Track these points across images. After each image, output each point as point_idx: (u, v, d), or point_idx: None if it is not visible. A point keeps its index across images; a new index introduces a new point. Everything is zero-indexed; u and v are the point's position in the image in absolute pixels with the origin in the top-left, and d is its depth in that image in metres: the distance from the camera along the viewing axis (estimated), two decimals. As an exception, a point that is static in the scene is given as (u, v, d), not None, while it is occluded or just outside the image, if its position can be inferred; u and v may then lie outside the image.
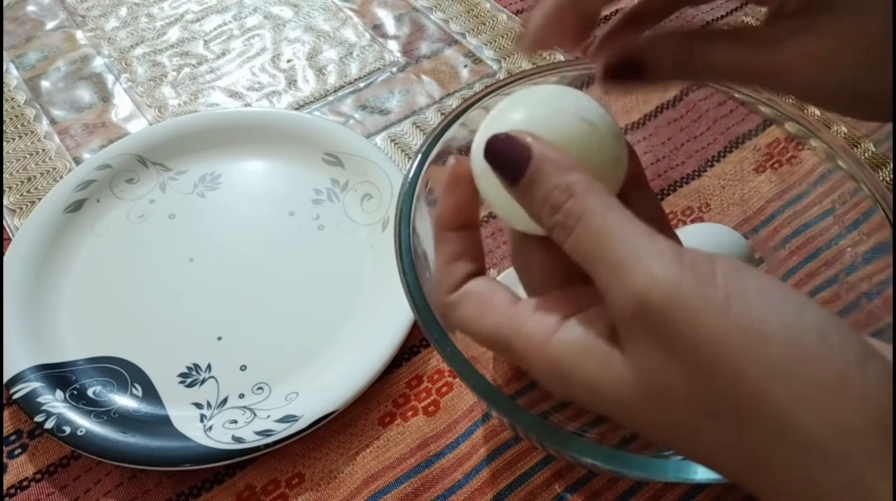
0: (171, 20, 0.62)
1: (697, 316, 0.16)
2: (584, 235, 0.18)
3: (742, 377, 0.16)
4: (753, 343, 0.16)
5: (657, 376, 0.17)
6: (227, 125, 0.50)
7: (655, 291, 0.17)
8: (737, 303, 0.16)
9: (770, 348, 0.16)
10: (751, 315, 0.16)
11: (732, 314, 0.16)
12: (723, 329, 0.16)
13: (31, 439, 0.38)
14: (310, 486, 0.36)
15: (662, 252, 0.17)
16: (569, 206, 0.19)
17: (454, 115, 0.32)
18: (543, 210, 0.20)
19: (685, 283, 0.16)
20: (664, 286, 0.17)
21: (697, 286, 0.16)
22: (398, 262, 0.28)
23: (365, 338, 0.39)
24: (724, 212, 0.41)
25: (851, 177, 0.32)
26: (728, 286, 0.16)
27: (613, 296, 0.18)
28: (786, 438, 0.16)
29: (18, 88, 0.56)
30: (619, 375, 0.18)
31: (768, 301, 0.16)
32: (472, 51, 0.57)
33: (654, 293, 0.17)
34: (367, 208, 0.46)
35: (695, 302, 0.16)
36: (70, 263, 0.44)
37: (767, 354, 0.16)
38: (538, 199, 0.20)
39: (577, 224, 0.19)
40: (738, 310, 0.16)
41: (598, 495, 0.35)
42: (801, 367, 0.16)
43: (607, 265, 0.18)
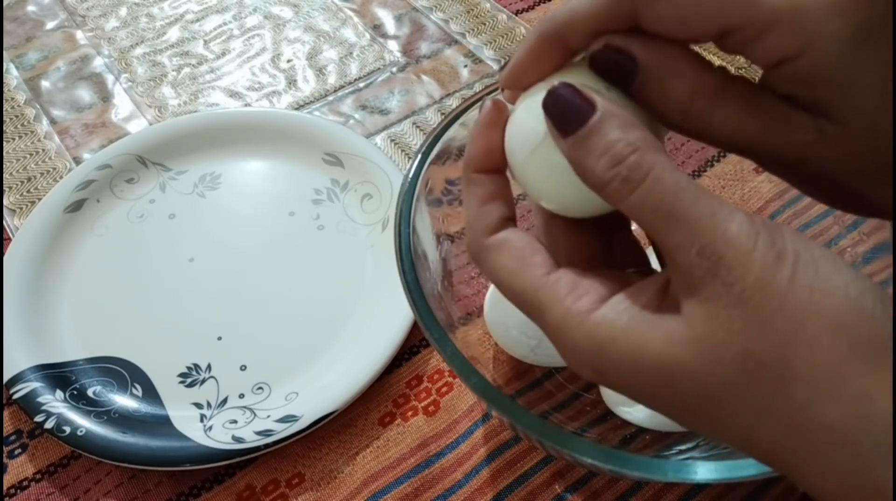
0: (171, 20, 0.62)
1: (768, 272, 0.16)
2: (655, 190, 0.18)
3: (802, 328, 0.16)
4: (817, 297, 0.16)
5: (717, 329, 0.17)
6: (227, 125, 0.50)
7: (732, 247, 0.17)
8: (804, 259, 0.17)
9: (832, 301, 0.16)
10: (816, 272, 0.17)
11: (800, 269, 0.17)
12: (790, 285, 0.16)
13: (31, 439, 0.38)
14: (310, 486, 0.36)
15: (734, 212, 0.17)
16: (635, 159, 0.18)
17: (454, 115, 0.33)
18: (601, 161, 0.18)
19: (759, 242, 0.17)
20: (742, 243, 0.17)
21: (771, 244, 0.17)
22: (398, 262, 0.28)
23: (365, 338, 0.39)
24: (724, 212, 0.41)
25: (851, 177, 0.31)
26: (797, 246, 0.17)
27: (687, 252, 0.17)
28: (836, 395, 0.16)
29: (18, 88, 0.56)
30: (669, 334, 0.17)
31: (831, 263, 0.17)
32: (472, 51, 0.57)
33: (730, 250, 0.17)
34: (367, 208, 0.46)
35: (767, 259, 0.17)
36: (70, 263, 0.44)
37: (829, 306, 0.16)
38: (597, 149, 0.19)
39: (646, 179, 0.18)
40: (804, 267, 0.17)
41: (598, 495, 0.35)
42: (860, 323, 0.16)
43: (682, 221, 0.17)
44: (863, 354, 0.16)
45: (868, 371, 0.16)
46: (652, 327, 0.18)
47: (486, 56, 0.57)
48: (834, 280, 0.16)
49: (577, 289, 0.19)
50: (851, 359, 0.16)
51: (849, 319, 0.16)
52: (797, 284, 0.16)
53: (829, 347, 0.16)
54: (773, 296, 0.16)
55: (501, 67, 0.23)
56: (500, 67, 0.23)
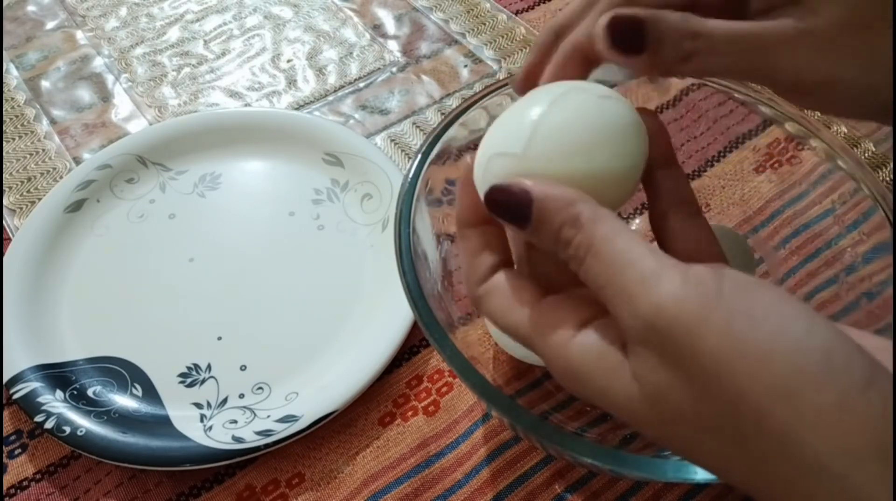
0: (171, 20, 0.62)
1: (701, 336, 0.16)
2: (594, 264, 0.19)
3: (744, 396, 0.16)
4: (756, 364, 0.16)
5: (663, 392, 0.18)
6: (227, 125, 0.50)
7: (660, 313, 0.17)
8: (740, 322, 0.16)
9: (772, 368, 0.16)
10: (756, 335, 0.16)
11: (735, 333, 0.16)
12: (725, 349, 0.16)
13: (31, 439, 0.38)
14: (310, 486, 0.36)
15: (666, 274, 0.18)
16: (578, 240, 0.19)
17: (454, 115, 0.33)
18: (557, 247, 0.20)
19: (688, 303, 0.17)
20: (668, 309, 0.17)
21: (701, 307, 0.17)
22: (398, 262, 0.28)
23: (365, 338, 0.39)
24: (724, 212, 0.41)
25: (851, 177, 0.32)
26: (733, 305, 0.17)
27: (622, 320, 0.18)
28: (787, 457, 0.16)
29: (18, 88, 0.56)
30: (629, 387, 0.18)
31: (774, 321, 0.16)
32: (472, 51, 0.57)
33: (658, 316, 0.17)
34: (367, 208, 0.46)
35: (698, 322, 0.17)
36: (70, 263, 0.44)
37: (769, 374, 0.16)
38: (549, 238, 0.20)
39: (587, 255, 0.19)
40: (740, 329, 0.16)
41: (598, 495, 0.35)
42: (802, 389, 0.16)
43: (615, 291, 0.18)
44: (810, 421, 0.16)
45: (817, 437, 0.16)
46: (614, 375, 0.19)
47: (486, 56, 0.57)
48: (773, 343, 0.16)
49: (556, 320, 0.21)
50: (799, 427, 0.16)
51: (791, 384, 0.16)
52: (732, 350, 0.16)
53: (772, 414, 0.16)
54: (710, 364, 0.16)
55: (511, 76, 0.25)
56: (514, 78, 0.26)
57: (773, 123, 0.35)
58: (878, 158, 0.48)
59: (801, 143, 0.34)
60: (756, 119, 0.36)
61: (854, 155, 0.32)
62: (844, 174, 0.32)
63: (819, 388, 0.16)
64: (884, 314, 0.30)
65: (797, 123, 0.33)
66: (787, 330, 0.16)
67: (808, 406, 0.16)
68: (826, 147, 0.32)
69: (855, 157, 0.32)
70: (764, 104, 0.34)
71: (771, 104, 0.34)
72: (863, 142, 0.49)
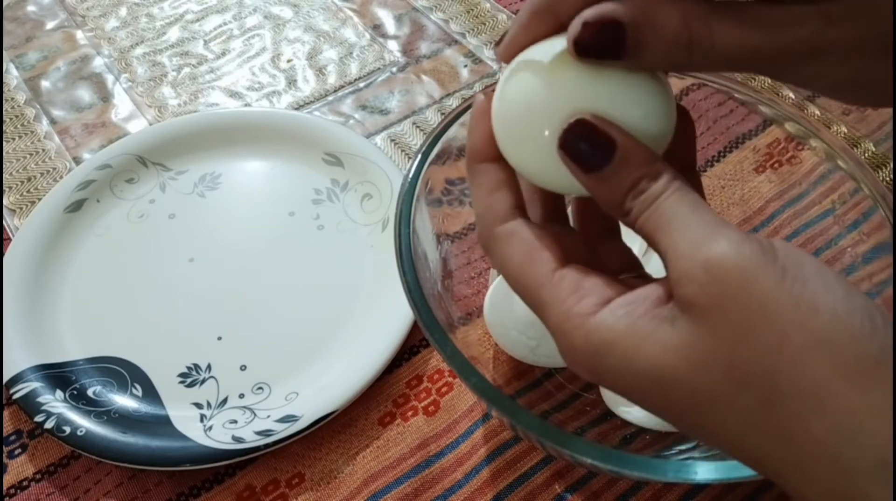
0: (171, 20, 0.62)
1: (754, 283, 0.17)
2: (661, 208, 0.19)
3: (786, 341, 0.16)
4: (803, 312, 0.16)
5: (705, 338, 0.17)
6: (227, 125, 0.50)
7: (721, 258, 0.17)
8: (792, 276, 0.17)
9: (819, 317, 0.16)
10: (804, 287, 0.17)
11: (787, 283, 0.17)
12: (777, 295, 0.17)
13: (31, 439, 0.38)
14: (310, 486, 0.36)
15: (729, 227, 0.18)
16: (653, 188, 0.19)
17: (454, 115, 0.33)
18: (626, 198, 0.20)
19: (749, 251, 0.17)
20: (729, 255, 0.17)
21: (760, 255, 0.17)
22: (398, 262, 0.28)
23: (365, 338, 0.39)
24: (724, 212, 0.41)
25: (851, 177, 0.32)
26: (787, 261, 0.17)
27: (678, 261, 0.18)
28: (819, 409, 0.16)
29: (18, 88, 0.56)
30: (663, 343, 0.18)
31: (822, 280, 0.17)
32: (472, 51, 0.57)
33: (720, 259, 0.17)
34: (367, 208, 0.46)
35: (755, 268, 0.17)
36: (70, 263, 0.44)
37: (815, 323, 0.16)
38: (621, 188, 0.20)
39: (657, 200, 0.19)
40: (792, 281, 0.17)
41: (598, 495, 0.35)
42: (846, 340, 0.16)
43: (679, 231, 0.18)
44: (846, 372, 0.16)
45: (850, 389, 0.16)
46: (648, 333, 0.18)
47: (486, 56, 0.57)
48: (822, 297, 0.16)
49: (580, 290, 0.20)
50: (834, 376, 0.16)
51: (835, 336, 0.16)
52: (783, 297, 0.16)
53: (813, 363, 0.16)
54: (757, 307, 0.17)
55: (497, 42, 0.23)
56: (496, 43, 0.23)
57: (773, 123, 0.35)
58: (878, 158, 0.48)
59: (801, 143, 0.34)
60: (756, 119, 0.36)
61: (854, 155, 0.32)
62: (844, 174, 0.32)
63: (862, 341, 0.16)
64: (884, 314, 0.30)
65: (797, 123, 0.33)
66: (832, 289, 0.17)
67: (850, 358, 0.16)
68: (826, 147, 0.32)
69: (855, 157, 0.32)
70: (764, 104, 0.34)
71: (771, 104, 0.34)
72: (863, 142, 0.49)
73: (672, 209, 0.19)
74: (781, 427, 0.16)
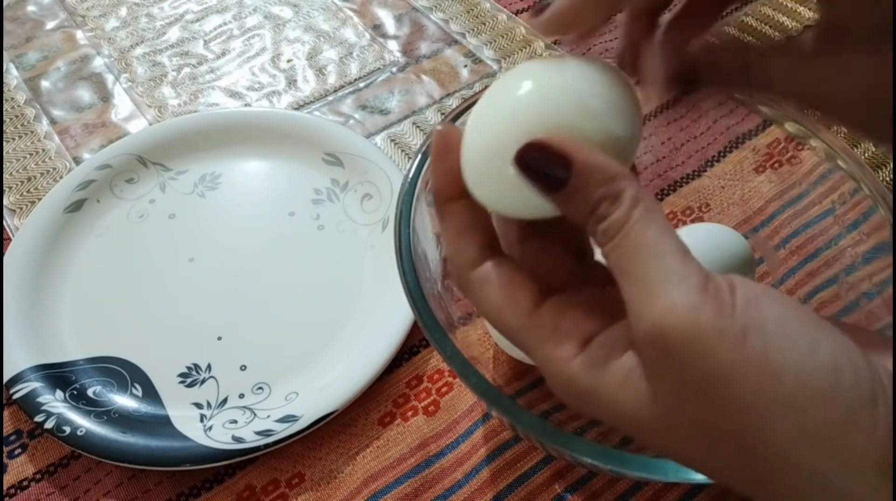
0: (171, 20, 0.62)
1: (712, 347, 0.16)
2: (623, 246, 0.18)
3: (751, 410, 0.16)
4: (766, 379, 0.16)
5: (669, 400, 0.17)
6: (227, 125, 0.50)
7: (674, 317, 0.17)
8: (753, 335, 0.16)
9: (781, 384, 0.16)
10: (766, 349, 0.16)
11: (748, 346, 0.16)
12: (736, 362, 0.16)
13: (31, 439, 0.38)
14: (310, 486, 0.36)
15: (689, 276, 0.17)
16: (615, 216, 0.18)
17: (454, 115, 0.32)
18: (589, 219, 0.19)
19: (704, 312, 0.16)
20: (683, 315, 0.17)
21: (716, 317, 0.16)
22: (398, 262, 0.28)
23: (365, 338, 0.39)
24: (724, 212, 0.41)
25: (851, 177, 0.32)
26: (747, 317, 0.16)
27: (636, 315, 0.18)
28: (790, 472, 0.16)
29: (18, 88, 0.56)
30: (635, 395, 0.18)
31: (785, 334, 0.16)
32: (472, 51, 0.57)
33: (672, 320, 0.17)
34: (367, 208, 0.46)
35: (711, 333, 0.16)
36: (70, 263, 0.44)
37: (778, 390, 0.16)
38: (582, 208, 0.19)
39: (618, 234, 0.18)
40: (753, 343, 0.16)
41: (598, 495, 0.35)
42: (809, 405, 0.16)
43: (635, 281, 0.18)
44: (814, 436, 0.16)
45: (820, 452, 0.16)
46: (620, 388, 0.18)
47: (486, 56, 0.57)
48: (785, 358, 0.16)
49: (558, 332, 0.20)
50: (803, 442, 0.16)
51: (798, 401, 0.16)
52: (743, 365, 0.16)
53: (779, 430, 0.16)
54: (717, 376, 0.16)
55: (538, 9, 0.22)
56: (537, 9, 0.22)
57: (773, 123, 0.35)
58: (878, 158, 0.48)
59: (801, 143, 0.34)
60: (756, 119, 0.36)
61: (854, 155, 0.32)
62: (844, 174, 0.32)
63: (826, 404, 0.16)
64: (884, 314, 0.30)
65: (797, 123, 0.33)
66: (796, 345, 0.16)
67: (813, 422, 0.16)
68: (826, 147, 0.32)
69: (855, 157, 0.32)
70: (764, 104, 0.34)
71: (771, 104, 0.34)
72: (863, 142, 0.49)
73: (632, 252, 0.18)
74: (757, 479, 0.17)
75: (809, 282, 0.35)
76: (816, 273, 0.35)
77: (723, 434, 0.17)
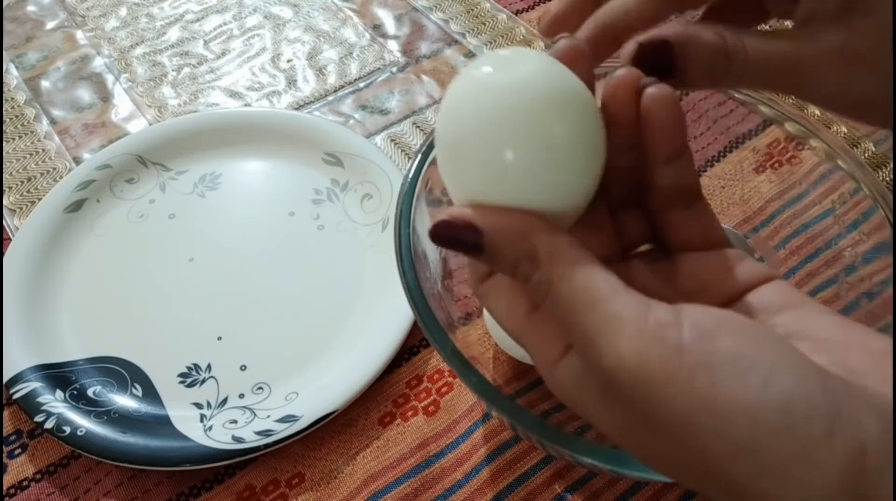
0: (171, 20, 0.62)
1: (664, 392, 0.16)
2: (556, 304, 0.19)
3: (707, 451, 0.16)
4: (717, 423, 0.16)
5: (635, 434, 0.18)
6: (227, 125, 0.50)
7: (623, 369, 0.17)
8: (702, 377, 0.16)
9: (733, 427, 0.16)
10: (715, 390, 0.16)
11: (696, 389, 0.16)
12: (688, 406, 0.16)
13: (31, 439, 0.38)
14: (310, 486, 0.36)
15: (628, 321, 0.17)
16: (536, 277, 0.19)
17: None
18: (518, 279, 0.20)
19: (650, 358, 0.16)
20: (630, 365, 0.17)
21: (662, 361, 0.16)
22: (398, 262, 0.28)
23: (365, 338, 0.39)
24: (724, 212, 0.41)
25: (851, 177, 0.32)
26: (694, 356, 0.16)
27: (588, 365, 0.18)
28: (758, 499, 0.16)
29: (18, 88, 0.56)
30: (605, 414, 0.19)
31: (734, 372, 0.16)
32: (472, 51, 0.57)
33: (622, 372, 0.17)
34: (367, 208, 0.46)
35: (659, 378, 0.16)
36: (70, 263, 0.44)
37: (730, 433, 0.16)
38: (508, 272, 0.20)
39: (548, 294, 0.19)
40: (701, 385, 0.16)
41: (598, 495, 0.35)
42: (763, 444, 0.16)
43: (578, 336, 0.18)
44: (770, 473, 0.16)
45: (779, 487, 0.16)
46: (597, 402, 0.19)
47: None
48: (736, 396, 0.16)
49: (545, 336, 0.21)
50: (760, 479, 0.16)
51: (752, 441, 0.16)
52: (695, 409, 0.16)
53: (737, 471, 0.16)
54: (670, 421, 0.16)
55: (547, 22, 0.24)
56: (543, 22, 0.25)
57: (773, 123, 0.35)
58: (878, 158, 0.48)
59: (801, 143, 0.34)
60: (756, 119, 0.36)
61: (854, 155, 0.32)
62: (844, 174, 0.32)
63: (780, 442, 0.16)
64: (884, 314, 0.30)
65: (797, 123, 0.33)
66: (746, 384, 0.16)
67: (770, 459, 0.16)
68: (826, 147, 0.32)
69: (855, 157, 0.32)
70: (764, 104, 0.34)
71: (771, 104, 0.34)
72: (863, 142, 0.49)
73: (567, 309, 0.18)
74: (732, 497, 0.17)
75: (809, 282, 0.35)
76: (816, 273, 0.35)
77: (688, 466, 0.17)
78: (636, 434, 0.18)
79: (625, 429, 0.18)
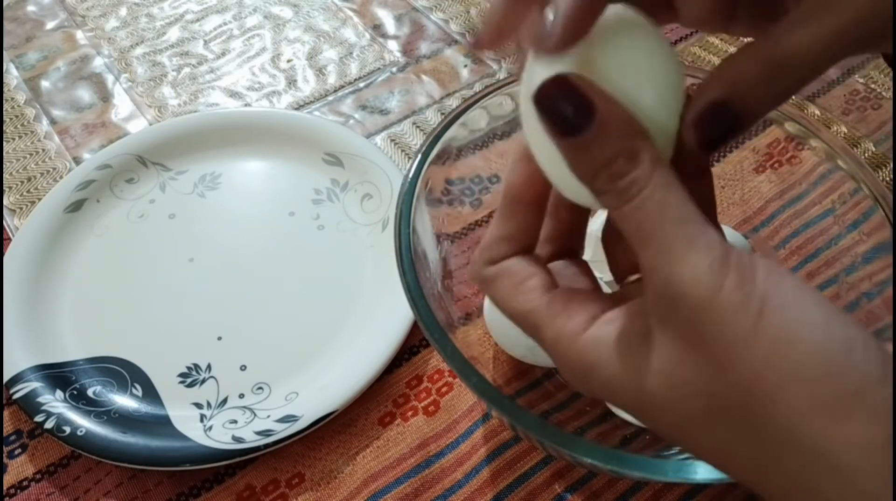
0: (171, 20, 0.62)
1: (734, 315, 0.16)
2: (644, 208, 0.17)
3: (761, 377, 0.16)
4: (779, 348, 0.16)
5: (682, 368, 0.17)
6: (227, 125, 0.50)
7: (699, 285, 0.16)
8: (771, 306, 0.16)
9: (794, 352, 0.16)
10: (782, 320, 0.16)
11: (765, 317, 0.16)
12: (752, 333, 0.16)
13: (31, 439, 0.38)
14: (310, 486, 0.36)
15: (713, 246, 0.17)
16: (634, 175, 0.18)
17: (454, 115, 0.33)
18: (600, 174, 0.18)
19: (728, 282, 0.16)
20: (707, 283, 0.16)
21: (738, 287, 0.16)
22: (398, 262, 0.28)
23: (365, 338, 0.39)
24: (724, 212, 0.41)
25: (851, 177, 0.32)
26: (767, 289, 0.16)
27: (661, 279, 0.17)
28: (794, 447, 0.16)
29: (18, 88, 0.56)
30: (645, 365, 0.18)
31: (801, 308, 0.16)
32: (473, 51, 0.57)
33: (697, 287, 0.16)
34: (367, 208, 0.46)
35: (733, 302, 0.16)
36: (70, 263, 0.44)
37: (790, 359, 0.16)
38: (596, 161, 0.18)
39: (639, 196, 0.17)
40: (770, 313, 0.16)
41: (598, 495, 0.35)
42: (821, 377, 0.16)
43: (658, 245, 0.17)
44: (822, 409, 0.15)
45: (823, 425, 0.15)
46: (628, 356, 0.18)
47: (486, 56, 0.57)
48: (800, 330, 0.16)
49: (569, 309, 0.20)
50: (810, 415, 0.16)
51: (809, 372, 0.16)
52: (759, 332, 0.16)
53: (786, 400, 0.16)
54: (733, 342, 0.16)
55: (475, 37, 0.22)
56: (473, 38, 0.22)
57: (773, 123, 0.35)
58: (878, 158, 0.48)
59: (801, 143, 0.34)
60: (756, 119, 0.36)
61: (854, 155, 0.32)
62: (844, 174, 0.32)
63: (837, 377, 0.15)
64: (884, 314, 0.30)
65: (797, 123, 0.33)
66: (811, 319, 0.16)
67: (822, 394, 0.15)
68: (826, 147, 0.32)
69: (855, 157, 0.32)
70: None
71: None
72: (863, 142, 0.49)
73: (656, 215, 0.17)
74: (759, 459, 0.17)
75: (809, 282, 0.35)
76: (816, 273, 0.35)
77: (730, 405, 0.17)
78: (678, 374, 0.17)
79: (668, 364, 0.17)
